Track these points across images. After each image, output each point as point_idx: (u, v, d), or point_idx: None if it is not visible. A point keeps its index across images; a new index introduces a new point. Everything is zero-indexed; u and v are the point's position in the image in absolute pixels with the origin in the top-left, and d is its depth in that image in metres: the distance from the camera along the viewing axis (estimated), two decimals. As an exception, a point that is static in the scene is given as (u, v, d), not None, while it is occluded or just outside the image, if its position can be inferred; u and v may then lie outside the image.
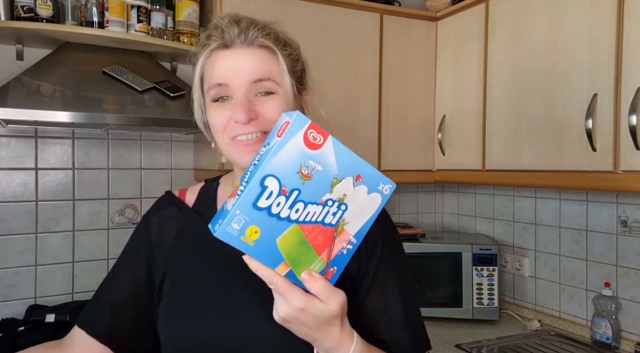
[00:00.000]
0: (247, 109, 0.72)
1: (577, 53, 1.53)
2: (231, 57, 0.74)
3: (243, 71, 0.73)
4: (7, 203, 1.74)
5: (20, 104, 1.40)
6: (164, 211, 0.88)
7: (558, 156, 1.58)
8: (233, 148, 0.76)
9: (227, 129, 0.75)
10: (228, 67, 0.74)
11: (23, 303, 1.75)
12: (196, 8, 1.80)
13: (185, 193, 0.90)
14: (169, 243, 0.85)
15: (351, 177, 0.58)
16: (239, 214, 0.54)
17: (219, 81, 0.74)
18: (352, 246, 0.60)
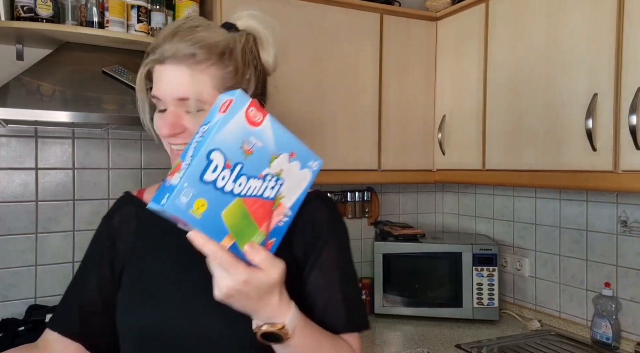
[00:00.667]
0: (171, 125, 0.76)
1: (577, 53, 1.53)
2: (163, 74, 0.76)
3: (169, 88, 0.76)
4: (7, 203, 1.74)
5: (21, 104, 1.40)
6: (123, 210, 0.91)
7: (558, 156, 1.58)
8: (170, 153, 0.82)
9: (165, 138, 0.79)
10: (160, 83, 0.77)
11: (23, 303, 1.75)
12: (196, 8, 1.80)
13: (144, 192, 0.93)
14: (128, 238, 0.88)
15: (287, 154, 0.62)
16: (186, 186, 0.56)
17: (155, 94, 0.78)
18: (288, 218, 0.64)
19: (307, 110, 1.89)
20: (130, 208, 0.91)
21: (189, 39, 0.74)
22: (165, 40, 0.75)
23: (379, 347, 1.77)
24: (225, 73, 0.76)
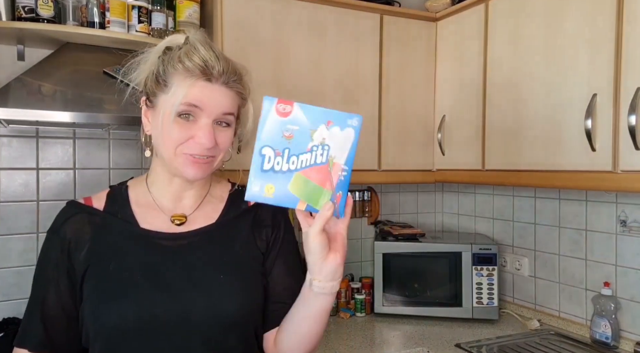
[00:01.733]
0: (212, 137, 0.86)
1: (577, 53, 1.53)
2: (211, 89, 0.86)
3: (218, 104, 0.86)
4: (9, 202, 1.75)
5: (22, 104, 1.40)
6: (74, 219, 0.92)
7: (557, 156, 1.59)
8: (180, 160, 0.86)
9: (184, 146, 0.85)
10: (207, 96, 0.85)
11: (24, 303, 1.75)
12: (197, 9, 1.81)
13: (91, 199, 0.95)
14: (86, 244, 0.90)
15: (323, 124, 0.73)
16: (253, 180, 0.72)
17: (194, 102, 0.84)
18: (347, 172, 0.76)
19: (307, 110, 1.89)
20: (81, 216, 0.92)
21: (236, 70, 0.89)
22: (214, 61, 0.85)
23: (378, 346, 1.78)
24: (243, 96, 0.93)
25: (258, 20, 1.79)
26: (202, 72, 0.84)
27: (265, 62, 1.80)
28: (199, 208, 0.96)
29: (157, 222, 0.92)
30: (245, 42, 1.77)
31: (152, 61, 0.89)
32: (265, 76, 1.81)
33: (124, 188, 0.98)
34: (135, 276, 0.86)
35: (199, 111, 0.85)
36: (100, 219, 0.92)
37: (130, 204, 0.94)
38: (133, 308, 0.84)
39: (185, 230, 0.93)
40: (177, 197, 0.95)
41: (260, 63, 1.79)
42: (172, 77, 0.85)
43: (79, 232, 0.91)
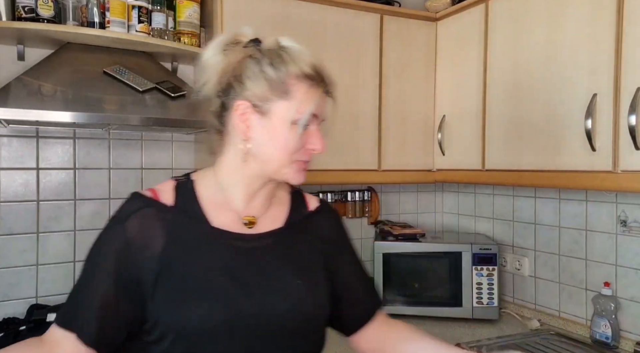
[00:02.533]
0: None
1: (577, 53, 1.53)
2: (326, 102, 0.90)
3: (325, 111, 0.90)
4: (9, 202, 1.75)
5: (22, 104, 1.40)
6: (142, 212, 0.87)
7: (557, 156, 1.59)
8: (291, 169, 0.88)
9: (300, 153, 0.88)
10: (323, 108, 0.89)
11: (24, 303, 1.76)
12: (197, 9, 1.81)
13: (157, 192, 0.90)
14: (159, 241, 0.85)
15: None
16: None
17: (318, 114, 0.88)
18: None
19: (308, 110, 1.89)
20: (150, 211, 0.87)
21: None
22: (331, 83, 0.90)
23: (379, 346, 1.77)
24: None
25: (258, 20, 1.79)
26: (321, 82, 0.87)
27: (265, 62, 1.80)
28: (267, 211, 0.96)
29: (227, 221, 0.90)
30: (246, 42, 1.77)
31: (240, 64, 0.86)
32: (265, 76, 1.80)
33: (190, 182, 0.93)
34: (217, 278, 0.85)
35: (315, 120, 0.88)
36: (172, 215, 0.88)
37: (199, 201, 0.90)
38: (220, 309, 0.83)
39: (255, 232, 0.92)
40: (251, 198, 0.93)
41: (260, 63, 1.79)
42: (292, 85, 0.85)
43: (146, 228, 0.86)
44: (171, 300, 0.83)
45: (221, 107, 0.90)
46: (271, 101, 0.85)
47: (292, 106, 0.84)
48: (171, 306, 0.83)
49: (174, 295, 0.83)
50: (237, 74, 0.86)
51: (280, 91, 0.84)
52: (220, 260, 0.87)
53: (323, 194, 2.25)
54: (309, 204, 1.04)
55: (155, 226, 0.86)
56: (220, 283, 0.85)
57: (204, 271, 0.86)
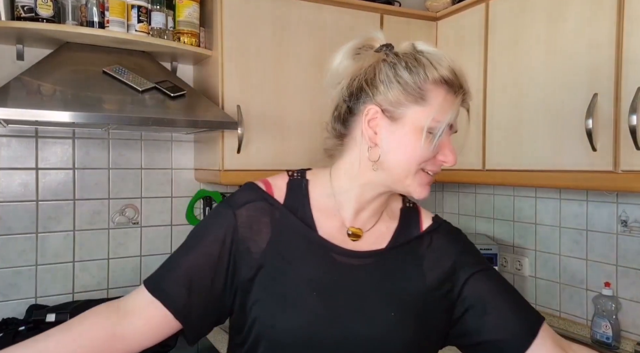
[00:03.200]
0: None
1: (577, 53, 1.53)
2: (462, 111, 0.87)
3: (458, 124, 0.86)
4: (8, 202, 1.75)
5: (21, 104, 1.40)
6: (254, 205, 0.86)
7: (558, 156, 1.58)
8: (417, 180, 0.82)
9: (429, 162, 0.82)
10: (457, 118, 0.85)
11: (24, 303, 1.76)
12: (196, 8, 1.80)
13: (271, 186, 0.89)
14: (264, 238, 0.84)
15: None
16: None
17: (453, 124, 0.83)
18: None
19: (308, 110, 1.89)
20: (262, 205, 0.86)
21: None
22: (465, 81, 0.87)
23: (379, 346, 1.77)
24: None
25: (258, 20, 1.78)
26: (460, 89, 0.84)
27: (265, 63, 1.80)
28: (374, 226, 0.90)
29: (332, 230, 0.86)
30: (245, 42, 1.77)
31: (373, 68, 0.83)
32: (265, 76, 1.80)
33: (304, 181, 0.91)
34: (307, 289, 0.81)
35: (448, 131, 0.83)
36: (280, 214, 0.86)
37: (310, 202, 0.88)
38: (305, 320, 0.79)
39: (357, 248, 0.86)
40: (361, 207, 0.88)
41: (260, 63, 1.79)
42: (430, 90, 0.80)
43: (255, 221, 0.84)
44: (264, 300, 0.81)
45: (347, 112, 0.86)
46: (405, 106, 0.80)
47: (428, 112, 0.79)
48: (263, 307, 0.81)
49: (268, 296, 0.81)
50: (368, 78, 0.82)
51: (416, 96, 0.79)
52: (320, 272, 0.83)
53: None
54: (423, 223, 0.93)
55: (263, 222, 0.85)
56: (312, 295, 0.81)
57: (301, 279, 0.82)
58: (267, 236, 0.84)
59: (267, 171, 1.82)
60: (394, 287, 0.85)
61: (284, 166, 1.85)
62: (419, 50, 0.83)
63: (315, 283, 0.82)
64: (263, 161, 1.80)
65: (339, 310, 0.80)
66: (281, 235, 0.84)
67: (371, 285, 0.84)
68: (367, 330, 0.80)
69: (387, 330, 0.80)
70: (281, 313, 0.80)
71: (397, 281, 0.85)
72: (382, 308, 0.82)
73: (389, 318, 0.81)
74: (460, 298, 0.86)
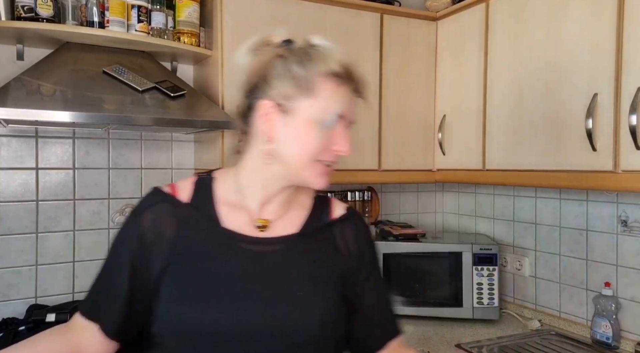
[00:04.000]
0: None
1: (578, 52, 1.53)
2: (354, 103, 0.88)
3: (354, 112, 0.88)
4: (8, 202, 1.75)
5: (21, 104, 1.40)
6: (158, 207, 0.89)
7: (558, 156, 1.58)
8: (313, 170, 0.85)
9: (321, 153, 0.84)
10: (351, 108, 0.87)
11: (23, 303, 1.76)
12: (196, 8, 1.80)
13: (176, 189, 0.91)
14: (169, 237, 0.87)
15: None
16: None
17: (344, 114, 0.85)
18: None
19: (308, 110, 1.89)
20: (165, 206, 0.89)
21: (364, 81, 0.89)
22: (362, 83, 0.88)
23: (379, 346, 1.77)
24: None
25: (258, 20, 1.78)
26: (350, 81, 0.85)
27: (265, 62, 1.80)
28: (284, 215, 0.92)
29: (239, 223, 0.89)
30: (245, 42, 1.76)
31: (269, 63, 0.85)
32: (265, 75, 1.80)
33: (209, 179, 0.94)
34: (222, 281, 0.84)
35: (341, 120, 0.85)
36: (184, 213, 0.88)
37: (214, 200, 0.90)
38: (214, 311, 0.81)
39: (267, 235, 0.89)
40: (267, 200, 0.90)
41: (260, 63, 1.79)
42: (319, 83, 0.82)
43: (159, 223, 0.87)
44: (173, 299, 0.83)
45: (247, 108, 0.89)
46: (296, 99, 0.82)
47: (318, 104, 0.82)
48: (171, 306, 0.83)
49: (176, 295, 0.83)
50: (263, 74, 0.85)
51: (306, 89, 0.82)
52: (227, 264, 0.85)
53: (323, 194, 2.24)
54: (334, 211, 0.97)
55: (168, 222, 0.87)
56: (224, 287, 0.83)
57: (208, 273, 0.84)
58: (172, 235, 0.87)
59: (267, 171, 1.82)
60: (306, 268, 0.88)
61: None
62: (312, 44, 0.85)
63: (222, 274, 0.84)
64: (263, 161, 1.80)
65: (254, 297, 0.83)
66: (186, 232, 0.87)
67: (283, 269, 0.87)
68: (286, 311, 0.83)
69: (302, 308, 0.84)
70: (187, 307, 0.82)
71: (308, 264, 0.89)
72: (295, 288, 0.86)
73: (302, 296, 0.85)
74: (351, 288, 0.93)
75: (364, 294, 0.94)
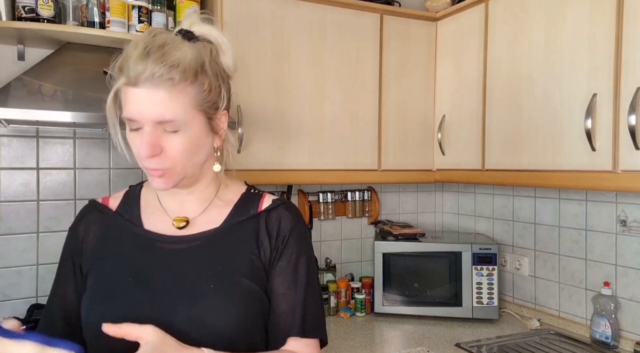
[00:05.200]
0: (150, 145, 0.78)
1: (577, 53, 1.53)
2: (137, 97, 0.77)
3: (147, 111, 0.77)
4: (9, 202, 1.75)
5: (22, 104, 1.40)
6: (88, 217, 0.94)
7: (557, 156, 1.59)
8: (147, 173, 0.83)
9: (140, 157, 0.81)
10: (135, 106, 0.78)
11: (24, 302, 1.76)
12: (197, 8, 1.80)
13: (109, 199, 0.97)
14: (92, 244, 0.91)
15: None
16: None
17: (130, 116, 0.79)
18: None
19: (308, 110, 1.89)
20: (94, 215, 0.94)
21: (163, 62, 0.76)
22: (137, 61, 0.76)
23: (378, 346, 1.78)
24: (201, 91, 0.81)
25: (258, 20, 1.79)
26: (126, 76, 0.77)
27: (265, 62, 1.80)
28: (204, 212, 0.91)
29: (160, 224, 0.90)
30: (245, 42, 1.77)
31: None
32: (265, 76, 1.81)
33: (138, 188, 0.97)
34: (125, 279, 0.85)
35: (138, 123, 0.79)
36: (109, 218, 0.92)
37: (140, 205, 0.94)
38: (116, 311, 0.82)
39: (187, 233, 0.89)
40: (180, 200, 0.92)
41: (260, 63, 1.79)
42: (112, 87, 0.83)
43: (88, 231, 0.92)
44: (85, 298, 0.87)
45: None
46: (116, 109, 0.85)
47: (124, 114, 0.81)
48: (83, 304, 0.86)
49: (88, 294, 0.87)
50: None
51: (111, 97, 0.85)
52: (136, 262, 0.86)
53: (323, 194, 2.25)
54: (262, 204, 0.93)
55: (93, 230, 0.92)
56: (125, 285, 0.84)
57: (115, 272, 0.86)
58: (94, 241, 0.91)
59: (266, 170, 1.82)
60: (220, 262, 0.86)
61: (284, 165, 1.85)
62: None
63: (133, 273, 0.85)
64: (263, 161, 1.81)
65: (160, 294, 0.83)
66: (107, 236, 0.91)
67: (194, 265, 0.86)
68: (186, 308, 0.81)
69: (204, 305, 0.82)
70: (95, 307, 0.84)
71: (224, 258, 0.86)
72: (201, 284, 0.84)
73: (207, 292, 0.83)
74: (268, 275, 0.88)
75: (275, 280, 0.88)
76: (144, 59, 0.76)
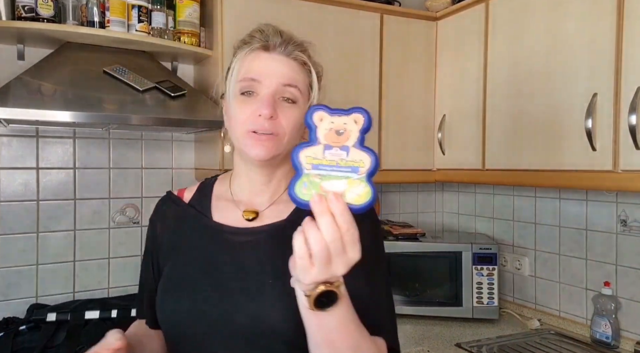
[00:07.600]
0: (272, 106, 0.81)
1: (577, 53, 1.53)
2: (270, 60, 0.84)
3: (277, 73, 0.83)
4: (9, 202, 1.75)
5: (22, 103, 1.40)
6: (163, 208, 0.98)
7: (558, 156, 1.59)
8: (248, 141, 0.83)
9: (247, 122, 0.83)
10: (265, 66, 0.84)
11: (24, 302, 1.76)
12: (197, 8, 1.81)
13: (184, 191, 1.00)
14: (169, 235, 0.94)
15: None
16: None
17: (253, 76, 0.83)
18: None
19: (308, 110, 1.89)
20: (169, 207, 0.97)
21: (294, 42, 0.88)
22: (274, 34, 0.85)
23: (379, 346, 1.77)
24: (310, 81, 0.90)
25: (258, 20, 1.78)
26: (259, 42, 0.84)
27: (265, 62, 1.80)
28: (272, 205, 0.91)
29: (230, 216, 0.91)
30: (246, 41, 1.77)
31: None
32: (265, 75, 1.80)
33: (213, 180, 1.00)
34: (195, 271, 0.87)
35: (258, 85, 0.83)
36: (183, 211, 0.95)
37: (212, 197, 0.96)
38: (186, 303, 0.84)
39: (253, 225, 0.89)
40: (255, 193, 0.92)
41: (260, 63, 1.79)
42: (234, 60, 0.87)
43: (164, 222, 0.96)
44: (160, 289, 0.89)
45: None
46: (226, 84, 0.88)
47: (233, 78, 0.85)
48: (158, 295, 0.89)
49: (162, 285, 0.89)
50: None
51: (229, 71, 0.87)
52: (204, 254, 0.88)
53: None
54: None
55: (169, 221, 0.95)
56: (194, 276, 0.87)
57: (186, 264, 0.89)
58: (170, 233, 0.94)
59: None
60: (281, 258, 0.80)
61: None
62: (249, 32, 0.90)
63: (201, 265, 0.88)
64: (263, 161, 1.81)
65: (224, 286, 0.84)
66: (181, 228, 0.94)
67: (258, 258, 0.86)
68: (247, 301, 0.82)
69: (264, 299, 0.82)
70: (169, 297, 0.87)
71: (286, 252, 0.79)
72: (261, 278, 0.84)
73: (267, 286, 0.83)
74: None
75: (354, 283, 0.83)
76: (280, 34, 0.85)
